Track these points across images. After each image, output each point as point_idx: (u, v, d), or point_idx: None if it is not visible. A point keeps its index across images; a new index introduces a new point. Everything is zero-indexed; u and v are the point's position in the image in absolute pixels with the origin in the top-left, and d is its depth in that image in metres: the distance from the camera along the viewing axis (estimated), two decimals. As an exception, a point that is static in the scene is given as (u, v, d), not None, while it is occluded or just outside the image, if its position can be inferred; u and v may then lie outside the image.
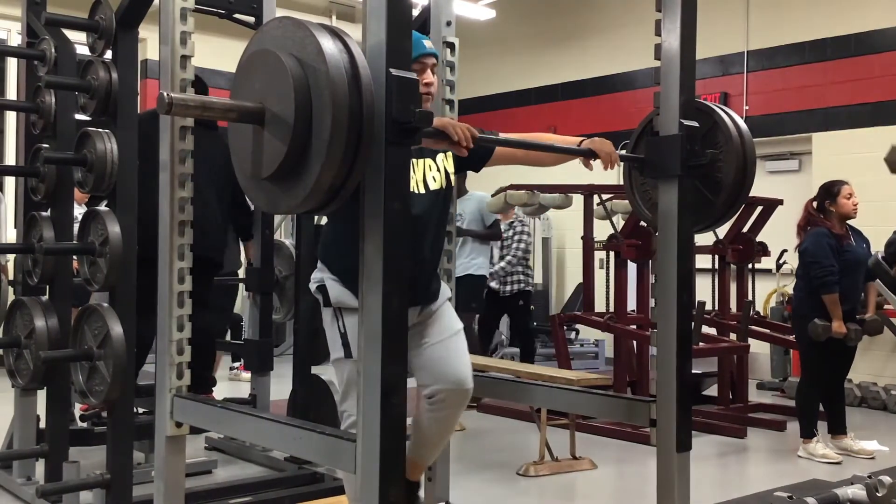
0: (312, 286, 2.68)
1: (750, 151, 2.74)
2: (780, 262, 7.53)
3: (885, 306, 6.45)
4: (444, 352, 2.69)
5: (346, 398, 2.61)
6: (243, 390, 6.06)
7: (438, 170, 2.74)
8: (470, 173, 3.26)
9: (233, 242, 6.23)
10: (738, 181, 2.72)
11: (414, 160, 2.61)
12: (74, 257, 3.72)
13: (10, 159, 8.25)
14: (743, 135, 2.74)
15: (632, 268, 6.08)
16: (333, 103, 1.83)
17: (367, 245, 1.94)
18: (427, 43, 2.62)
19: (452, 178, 2.81)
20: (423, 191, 2.67)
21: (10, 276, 5.41)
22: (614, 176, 6.51)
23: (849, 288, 4.96)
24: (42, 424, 3.88)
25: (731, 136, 2.71)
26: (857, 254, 5.00)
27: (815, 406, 5.09)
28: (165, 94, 1.95)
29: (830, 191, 5.06)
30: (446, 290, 2.84)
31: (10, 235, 6.22)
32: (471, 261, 6.64)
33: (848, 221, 5.08)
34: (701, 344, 5.62)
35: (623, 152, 2.76)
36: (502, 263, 6.96)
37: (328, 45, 1.88)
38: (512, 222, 7.05)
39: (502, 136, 2.68)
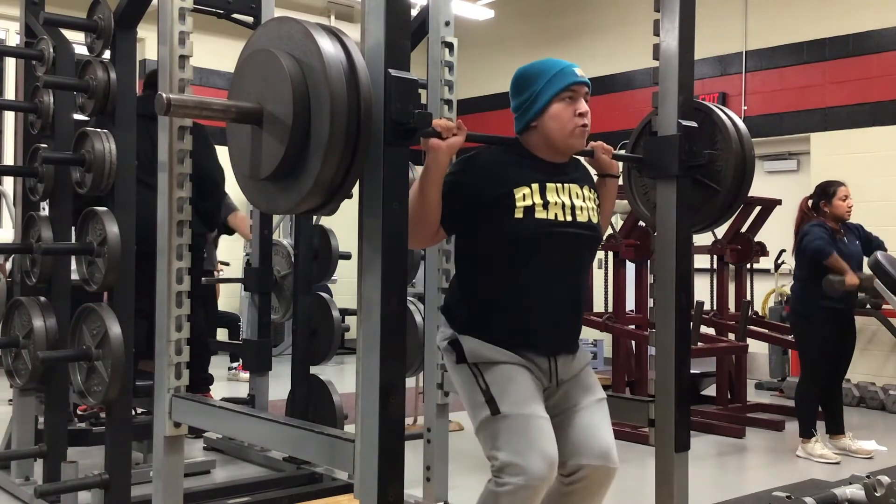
0: (441, 343, 2.37)
1: (748, 151, 2.74)
2: (779, 261, 7.54)
3: (884, 306, 6.46)
4: (589, 418, 2.35)
5: (502, 449, 2.18)
6: (242, 390, 6.06)
7: (586, 199, 2.39)
8: None
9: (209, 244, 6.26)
10: (736, 181, 2.72)
11: (553, 184, 2.32)
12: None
13: (9, 159, 8.25)
14: (741, 135, 2.74)
15: (630, 268, 6.08)
16: (331, 103, 1.83)
17: (366, 245, 1.94)
18: (578, 71, 2.36)
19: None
20: (569, 218, 2.31)
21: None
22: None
23: None
24: (40, 424, 3.88)
25: (730, 136, 2.71)
26: (849, 250, 5.02)
27: (815, 406, 5.10)
28: (164, 94, 1.95)
29: (826, 191, 5.07)
30: (587, 354, 2.49)
31: (9, 235, 6.21)
32: None
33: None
34: (699, 344, 5.62)
35: (622, 152, 2.76)
36: None
37: (326, 45, 1.88)
38: None
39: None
